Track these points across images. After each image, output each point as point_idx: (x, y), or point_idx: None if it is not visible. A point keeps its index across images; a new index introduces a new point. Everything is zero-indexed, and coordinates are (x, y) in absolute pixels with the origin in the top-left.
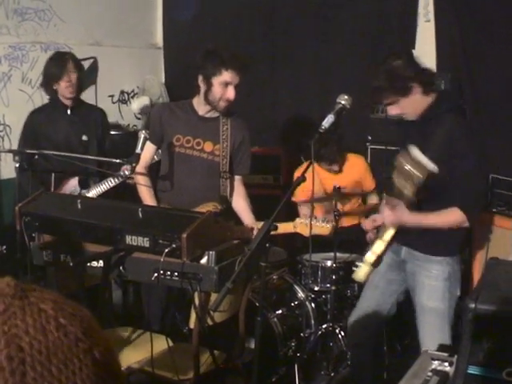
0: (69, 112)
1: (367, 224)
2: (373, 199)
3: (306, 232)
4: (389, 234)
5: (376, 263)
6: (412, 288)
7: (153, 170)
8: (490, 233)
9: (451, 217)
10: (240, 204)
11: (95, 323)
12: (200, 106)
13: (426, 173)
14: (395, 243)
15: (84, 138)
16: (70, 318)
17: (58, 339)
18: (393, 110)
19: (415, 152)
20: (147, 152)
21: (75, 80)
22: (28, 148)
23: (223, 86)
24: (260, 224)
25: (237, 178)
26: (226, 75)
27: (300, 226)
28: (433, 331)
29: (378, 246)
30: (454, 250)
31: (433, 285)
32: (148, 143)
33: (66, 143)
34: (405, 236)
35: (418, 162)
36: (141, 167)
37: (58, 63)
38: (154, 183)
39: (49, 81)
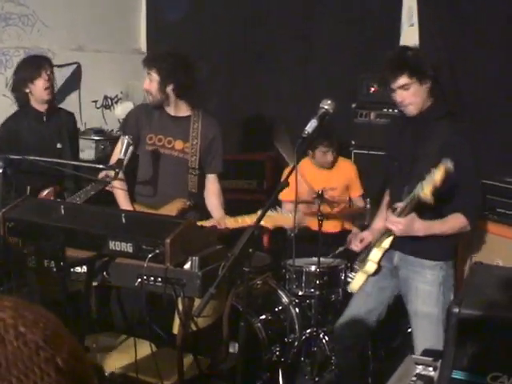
0: (44, 119)
1: (355, 245)
2: (359, 204)
3: (269, 224)
4: (387, 241)
5: (375, 272)
6: (405, 294)
7: (129, 175)
8: (476, 238)
9: (456, 222)
10: (213, 202)
11: (61, 329)
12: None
13: (443, 170)
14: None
15: (58, 145)
16: (31, 325)
17: (18, 349)
18: (402, 96)
19: None
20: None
21: (52, 84)
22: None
23: None
24: (228, 218)
25: (210, 176)
26: None
27: (264, 218)
28: (427, 336)
29: (376, 254)
30: (448, 254)
31: (427, 290)
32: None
33: (41, 151)
34: (398, 241)
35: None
36: None
37: (33, 63)
38: (131, 186)
39: (22, 82)
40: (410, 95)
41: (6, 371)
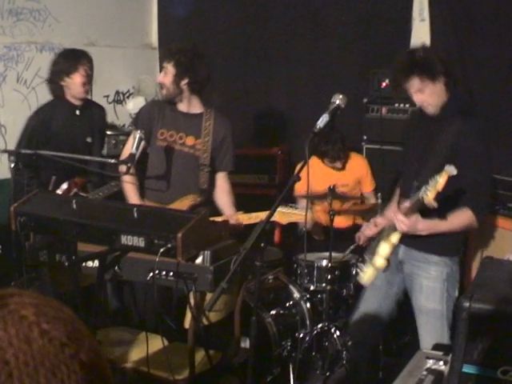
0: (78, 112)
1: (368, 231)
2: (370, 199)
3: (283, 220)
4: (396, 237)
5: (386, 267)
6: (410, 289)
7: (140, 170)
8: (486, 232)
9: (464, 219)
10: (223, 199)
11: (79, 323)
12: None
13: (446, 177)
14: None
15: (88, 139)
16: (54, 321)
17: (43, 347)
18: (420, 99)
19: None
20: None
21: (89, 79)
22: (32, 147)
23: None
24: (239, 214)
25: (221, 174)
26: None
27: (277, 214)
28: (432, 332)
29: (384, 249)
30: (453, 250)
31: (431, 286)
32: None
33: (70, 144)
34: (403, 235)
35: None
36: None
37: (72, 57)
38: (141, 182)
39: (59, 75)
40: (426, 97)
41: (33, 371)
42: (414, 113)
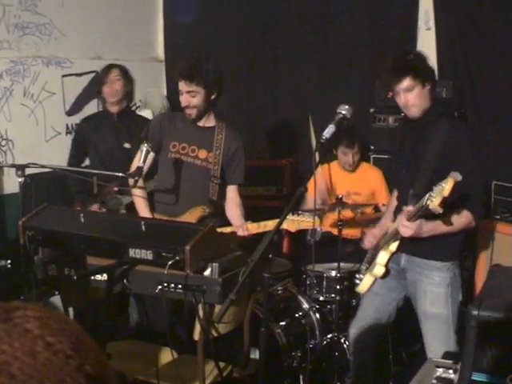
0: (115, 119)
1: (368, 243)
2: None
3: (292, 227)
4: (395, 245)
5: (383, 275)
6: (413, 296)
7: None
8: (493, 239)
9: (463, 220)
10: (233, 212)
11: (83, 334)
12: None
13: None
14: None
15: (126, 145)
16: (58, 334)
17: (48, 360)
18: (406, 98)
19: None
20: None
21: (120, 86)
22: (79, 155)
23: (180, 94)
24: (250, 223)
25: (232, 187)
26: (179, 85)
27: (286, 222)
28: (438, 338)
29: (383, 257)
30: (454, 254)
31: (435, 291)
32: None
33: (110, 150)
34: (404, 243)
35: None
36: None
37: (104, 70)
38: (151, 194)
39: (98, 88)
40: (413, 97)
41: (38, 383)
42: (401, 121)
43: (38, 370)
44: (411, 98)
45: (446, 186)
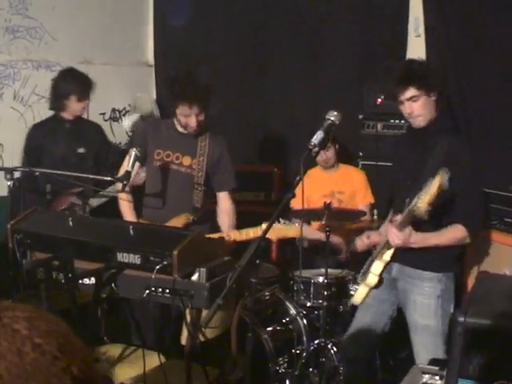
0: (67, 125)
1: (360, 245)
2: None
3: (273, 236)
4: (388, 254)
5: (377, 284)
6: (404, 305)
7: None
8: (483, 247)
9: (455, 234)
10: (224, 221)
11: (72, 336)
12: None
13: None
14: None
15: (80, 150)
16: (46, 335)
17: (35, 360)
18: (411, 108)
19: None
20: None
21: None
22: (31, 163)
23: (183, 116)
24: (230, 232)
25: (222, 194)
26: (182, 108)
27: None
28: (427, 348)
29: (377, 267)
30: (447, 266)
31: (425, 302)
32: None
33: (63, 155)
34: (396, 252)
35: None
36: None
37: (86, 83)
38: (140, 200)
39: (64, 95)
40: (418, 107)
41: (24, 383)
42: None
43: (25, 370)
44: (416, 107)
45: (434, 182)
